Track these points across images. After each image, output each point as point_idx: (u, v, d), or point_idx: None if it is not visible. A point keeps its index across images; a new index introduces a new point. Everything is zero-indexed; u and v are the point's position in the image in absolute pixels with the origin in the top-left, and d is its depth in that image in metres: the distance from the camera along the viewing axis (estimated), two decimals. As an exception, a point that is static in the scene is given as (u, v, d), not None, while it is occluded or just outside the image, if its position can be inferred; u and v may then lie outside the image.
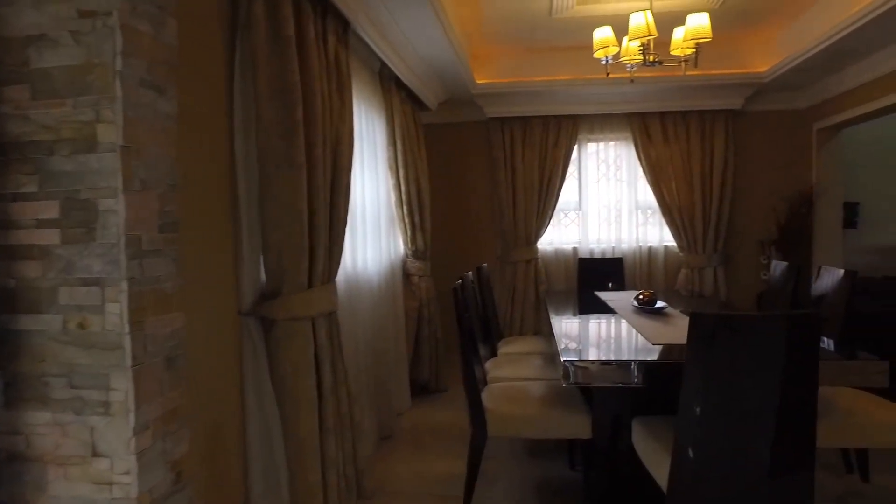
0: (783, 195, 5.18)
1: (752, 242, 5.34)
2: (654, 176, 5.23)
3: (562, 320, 3.33)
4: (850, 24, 3.66)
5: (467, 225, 5.63)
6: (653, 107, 5.15)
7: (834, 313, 3.25)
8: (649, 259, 5.42)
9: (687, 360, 1.89)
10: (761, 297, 5.14)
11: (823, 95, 4.93)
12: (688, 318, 1.87)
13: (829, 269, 3.33)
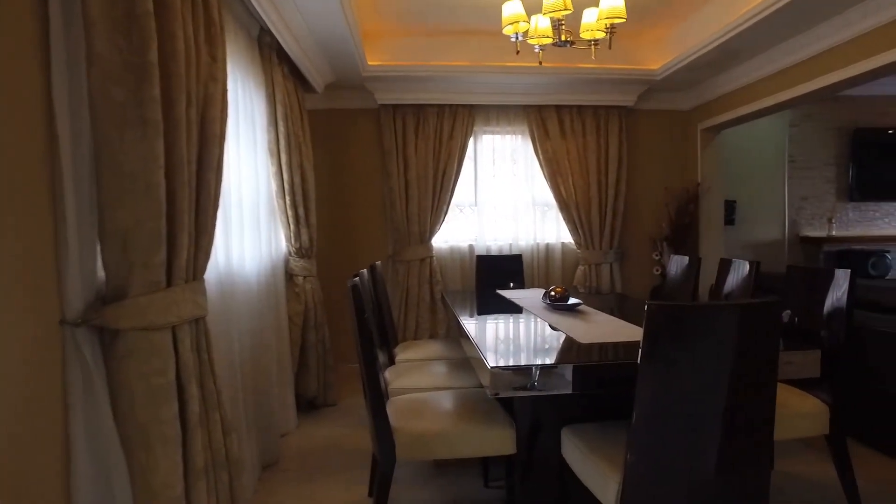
0: (673, 192, 5.27)
1: (644, 238, 5.38)
2: (550, 171, 5.10)
3: (471, 321, 3.00)
4: (737, 26, 3.72)
5: (357, 221, 5.17)
6: (550, 99, 5.01)
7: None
8: (547, 256, 5.28)
9: (644, 355, 1.62)
10: (656, 292, 5.18)
11: (707, 97, 5.07)
12: (606, 315, 1.61)
13: (736, 261, 3.29)
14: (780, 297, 3.08)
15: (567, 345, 2.28)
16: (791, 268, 2.88)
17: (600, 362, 1.99)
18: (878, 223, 5.83)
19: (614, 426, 2.17)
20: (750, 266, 3.14)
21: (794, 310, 2.75)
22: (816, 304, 2.69)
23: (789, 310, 2.71)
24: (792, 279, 2.91)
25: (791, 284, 2.90)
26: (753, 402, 1.70)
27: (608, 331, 2.50)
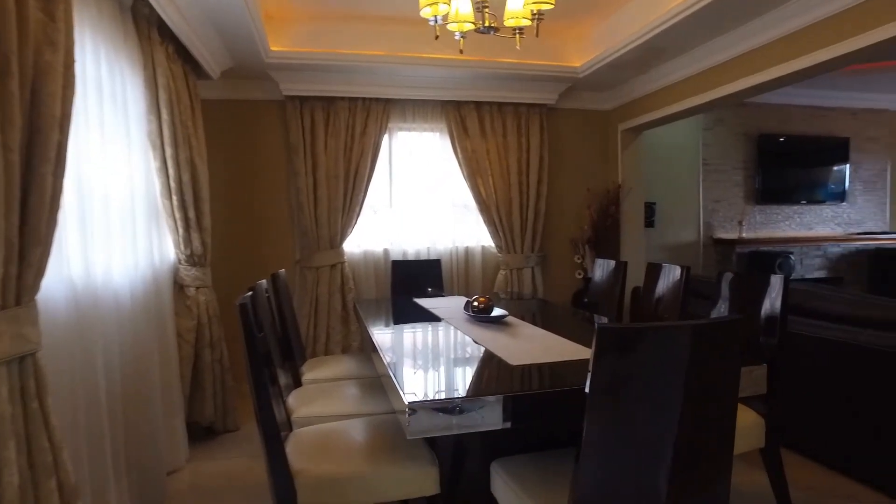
0: (595, 194, 5.17)
1: (566, 241, 5.25)
2: (470, 170, 4.85)
3: (386, 335, 2.67)
4: (659, 24, 3.63)
5: (260, 224, 4.69)
6: (469, 95, 4.76)
7: (671, 313, 3.08)
8: (467, 260, 5.03)
9: (594, 383, 1.37)
10: (578, 296, 5.05)
11: (627, 97, 5.01)
12: (534, 328, 1.37)
13: (666, 266, 3.16)
14: (712, 302, 2.99)
15: (496, 368, 2.00)
16: (723, 273, 2.76)
17: (539, 391, 1.71)
18: (781, 226, 6.03)
19: (550, 457, 1.92)
20: (681, 271, 3.00)
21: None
22: (748, 310, 2.58)
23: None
24: (723, 284, 2.79)
25: (721, 290, 2.79)
26: (713, 427, 1.50)
27: (539, 348, 2.24)
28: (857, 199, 6.37)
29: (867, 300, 3.05)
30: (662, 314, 3.17)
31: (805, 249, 5.99)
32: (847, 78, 5.58)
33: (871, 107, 6.38)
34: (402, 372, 1.94)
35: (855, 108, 6.31)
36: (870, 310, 3.00)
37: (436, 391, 1.71)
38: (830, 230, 6.28)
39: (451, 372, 1.99)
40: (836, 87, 5.90)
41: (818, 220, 6.24)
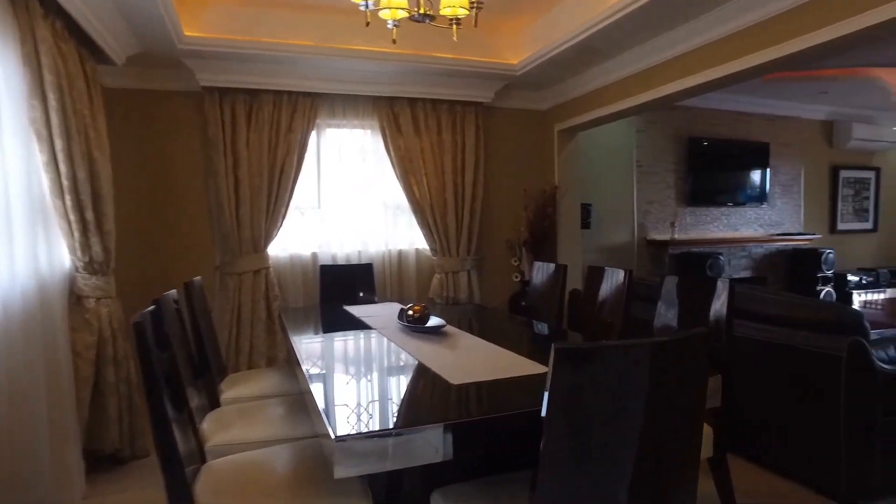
0: (532, 195, 5.07)
1: (502, 244, 5.12)
2: (403, 170, 4.63)
3: (310, 349, 2.41)
4: (597, 22, 3.55)
5: (175, 227, 4.28)
6: (403, 91, 4.54)
7: (614, 318, 2.98)
8: (400, 264, 4.80)
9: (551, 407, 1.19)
10: (515, 299, 4.93)
11: (564, 97, 4.94)
12: (474, 338, 1.21)
13: (609, 269, 3.05)
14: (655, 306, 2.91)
15: (435, 389, 1.79)
16: (669, 278, 2.67)
17: (486, 416, 1.52)
18: (710, 227, 6.16)
19: (499, 484, 1.73)
20: (624, 275, 2.90)
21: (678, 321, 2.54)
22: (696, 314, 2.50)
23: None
24: (666, 288, 2.71)
25: (665, 293, 2.71)
26: (678, 443, 1.36)
27: (481, 362, 2.05)
28: (776, 202, 6.62)
29: (801, 301, 3.06)
30: (606, 318, 3.06)
31: (732, 250, 6.15)
32: (766, 86, 5.75)
33: (786, 114, 6.64)
34: (328, 396, 1.70)
35: (772, 115, 6.55)
36: (804, 311, 3.01)
37: (367, 420, 1.49)
38: (753, 231, 6.49)
39: (385, 395, 1.76)
40: (756, 94, 6.09)
41: (743, 222, 6.42)
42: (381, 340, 2.57)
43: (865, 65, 5.23)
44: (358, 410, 1.57)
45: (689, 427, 1.39)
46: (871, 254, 7.54)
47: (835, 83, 5.74)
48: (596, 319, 3.13)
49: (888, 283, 6.77)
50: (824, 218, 7.13)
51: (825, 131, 7.07)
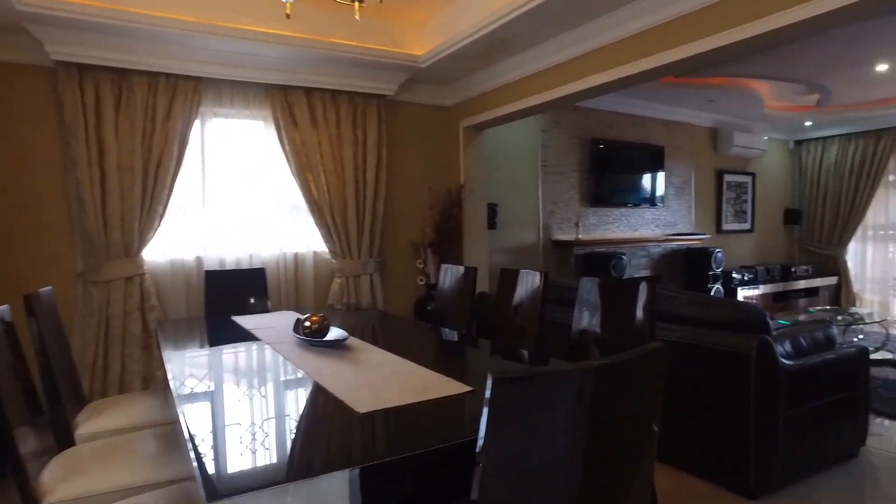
0: (437, 194, 4.85)
1: (407, 245, 4.86)
2: (299, 165, 4.25)
3: (189, 370, 2.03)
4: (504, 14, 3.41)
5: (24, 227, 3.64)
6: (299, 80, 4.16)
7: (529, 322, 2.82)
8: (297, 268, 4.41)
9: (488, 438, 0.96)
10: (421, 304, 4.69)
11: (469, 93, 4.77)
12: (381, 353, 1.06)
13: (524, 272, 2.88)
14: (573, 308, 2.77)
15: (338, 421, 1.50)
16: (587, 280, 2.54)
17: (402, 455, 1.24)
18: (611, 227, 6.27)
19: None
20: (540, 277, 2.74)
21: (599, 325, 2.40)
22: (617, 317, 2.38)
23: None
24: (583, 290, 2.58)
25: (582, 295, 2.58)
26: (628, 472, 1.17)
27: (390, 382, 1.78)
28: (671, 203, 6.87)
29: (712, 301, 3.05)
30: (521, 323, 2.90)
31: (633, 250, 6.29)
32: (662, 92, 5.93)
33: (680, 119, 6.91)
34: (203, 437, 1.36)
35: (667, 120, 6.79)
36: (713, 311, 3.00)
37: (252, 468, 1.18)
38: (651, 231, 6.68)
39: (278, 430, 1.45)
40: (653, 98, 6.26)
41: (642, 222, 6.59)
42: (273, 357, 2.23)
43: (746, 76, 5.50)
44: (241, 453, 1.25)
45: (641, 451, 1.21)
46: (750, 252, 8.06)
47: (721, 92, 6.01)
48: (509, 323, 2.96)
49: (764, 280, 7.24)
50: (711, 219, 7.51)
51: (711, 137, 7.45)
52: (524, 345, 2.75)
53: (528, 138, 5.63)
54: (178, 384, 1.87)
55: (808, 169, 8.55)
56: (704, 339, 2.87)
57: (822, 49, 4.72)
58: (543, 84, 4.01)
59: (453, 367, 2.19)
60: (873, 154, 7.82)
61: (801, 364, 2.89)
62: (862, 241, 8.15)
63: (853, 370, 3.25)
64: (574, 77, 3.75)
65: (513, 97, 4.30)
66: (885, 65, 5.25)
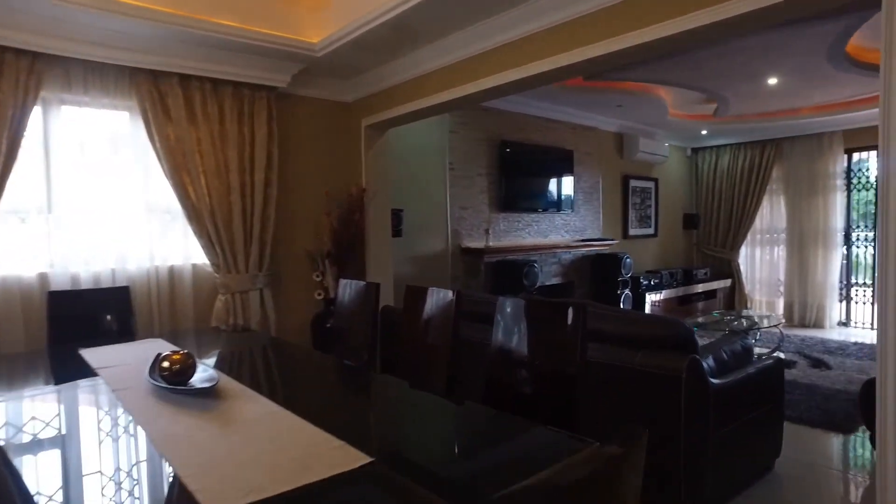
0: (336, 199, 4.39)
1: (302, 256, 4.36)
2: (174, 165, 3.65)
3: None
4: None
5: None
6: (171, 64, 3.55)
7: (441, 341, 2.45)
8: (171, 284, 3.78)
9: None
10: (319, 320, 4.21)
11: (371, 88, 4.36)
12: (264, 403, 1.10)
13: (433, 290, 2.51)
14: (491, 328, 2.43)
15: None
16: (507, 300, 2.20)
17: None
18: (522, 233, 6.06)
19: None
20: (453, 296, 2.39)
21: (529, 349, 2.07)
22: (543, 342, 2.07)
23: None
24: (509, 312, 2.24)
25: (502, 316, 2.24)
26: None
27: (271, 454, 1.34)
28: (580, 209, 6.79)
29: (637, 317, 2.83)
30: (433, 343, 2.53)
31: (544, 257, 6.11)
32: (571, 95, 5.80)
33: (588, 124, 6.86)
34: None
35: (576, 124, 6.71)
36: (640, 327, 2.78)
37: None
38: (561, 237, 6.55)
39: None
40: (562, 101, 6.14)
41: (552, 228, 6.44)
42: (112, 411, 1.71)
43: (654, 82, 5.48)
44: None
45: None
46: (654, 257, 8.20)
47: (629, 98, 5.98)
48: (422, 344, 2.58)
49: (668, 284, 7.35)
50: (618, 224, 7.54)
51: (618, 143, 7.48)
52: (436, 373, 2.39)
53: (435, 140, 5.29)
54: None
55: (703, 175, 8.85)
56: (632, 360, 2.64)
57: (724, 60, 4.76)
58: (451, 80, 3.68)
59: (352, 421, 1.78)
60: (760, 163, 8.19)
61: (727, 381, 2.73)
62: (752, 245, 8.53)
63: (771, 382, 3.17)
64: (484, 73, 3.45)
65: (418, 94, 3.94)
66: (775, 78, 5.41)
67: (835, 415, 4.14)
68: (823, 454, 3.65)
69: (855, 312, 7.79)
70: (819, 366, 5.51)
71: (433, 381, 2.36)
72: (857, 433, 3.85)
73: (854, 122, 7.21)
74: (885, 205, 1.95)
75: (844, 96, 6.18)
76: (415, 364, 2.60)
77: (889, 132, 1.91)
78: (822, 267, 7.75)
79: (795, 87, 5.70)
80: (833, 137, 7.59)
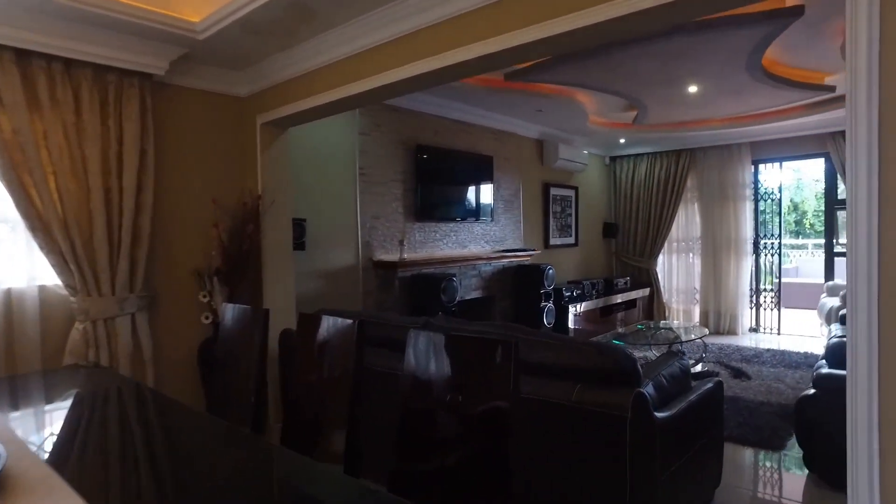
0: (226, 208, 3.79)
1: (186, 273, 3.72)
2: (10, 164, 2.95)
3: None
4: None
5: None
6: (6, 35, 2.86)
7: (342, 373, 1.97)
8: (10, 312, 3.06)
9: None
10: (207, 347, 3.59)
11: (268, 81, 3.81)
12: None
13: (328, 319, 2.03)
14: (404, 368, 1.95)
15: None
16: (419, 334, 1.76)
17: None
18: (440, 244, 5.64)
19: None
20: (353, 327, 1.92)
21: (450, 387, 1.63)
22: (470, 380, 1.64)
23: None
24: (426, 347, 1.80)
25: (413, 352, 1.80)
26: None
27: None
28: (500, 217, 6.47)
29: (573, 345, 2.47)
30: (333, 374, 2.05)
31: (464, 269, 5.71)
32: (490, 97, 5.49)
33: (508, 129, 6.57)
34: None
35: (496, 129, 6.40)
36: (577, 356, 2.42)
37: None
38: (482, 248, 6.20)
39: None
40: (482, 104, 5.82)
41: (471, 238, 6.07)
42: None
43: (576, 84, 5.26)
44: None
45: None
46: (576, 267, 8.05)
47: (549, 102, 5.74)
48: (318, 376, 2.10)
49: (590, 295, 7.18)
50: (540, 234, 7.30)
51: (538, 149, 7.25)
52: (336, 403, 1.93)
53: (344, 142, 4.79)
54: None
55: (622, 184, 8.84)
56: (568, 396, 2.27)
57: (644, 63, 4.60)
58: (355, 72, 3.22)
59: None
60: (675, 172, 8.26)
61: (673, 414, 2.42)
62: (669, 254, 8.59)
63: (712, 407, 2.91)
64: (394, 63, 3.00)
65: (319, 87, 3.45)
66: (695, 86, 5.34)
67: (763, 430, 4.00)
68: (762, 479, 3.47)
69: (763, 318, 7.97)
70: (740, 376, 5.46)
71: (331, 442, 1.89)
72: (785, 450, 3.72)
73: (761, 135, 7.38)
74: (852, 211, 1.68)
75: (754, 108, 6.25)
76: (309, 413, 2.11)
77: (856, 136, 1.65)
78: (734, 275, 7.87)
79: (712, 96, 5.67)
80: (742, 148, 7.75)
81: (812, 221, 15.99)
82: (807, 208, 15.97)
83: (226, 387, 2.49)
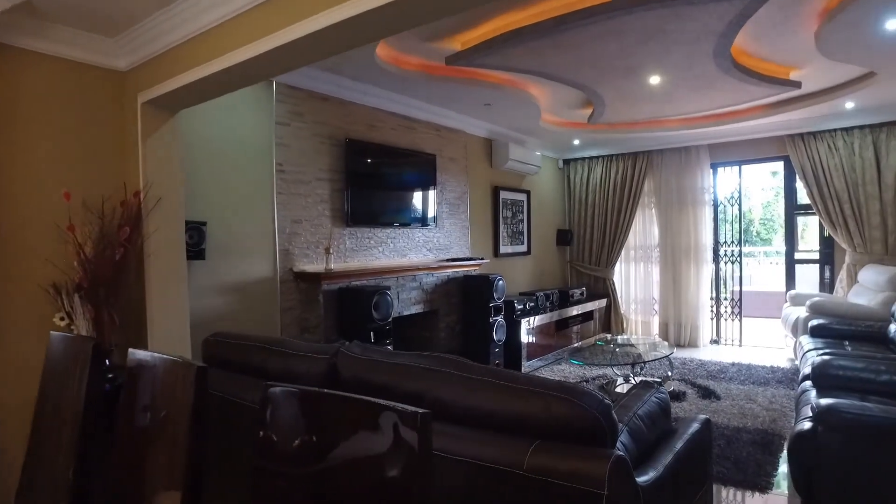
0: (93, 208, 3.01)
1: (36, 291, 2.91)
2: None
3: None
4: None
5: None
6: None
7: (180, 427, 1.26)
8: None
9: None
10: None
11: (148, 50, 3.07)
12: None
13: (157, 358, 1.32)
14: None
15: None
16: (279, 391, 1.08)
17: None
18: (374, 252, 4.95)
19: None
20: (193, 372, 1.22)
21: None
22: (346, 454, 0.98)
23: None
24: (292, 413, 1.13)
25: (274, 419, 1.13)
26: None
27: None
28: (445, 223, 5.82)
29: (526, 389, 1.81)
30: (169, 431, 1.34)
31: (402, 281, 5.01)
32: (433, 88, 4.88)
33: (452, 125, 5.96)
34: None
35: (439, 125, 5.77)
36: (530, 404, 1.77)
37: None
38: (423, 256, 5.53)
39: None
40: (424, 97, 5.20)
41: (411, 246, 5.39)
42: None
43: (530, 71, 4.70)
44: None
45: None
46: (529, 277, 7.48)
47: (499, 95, 5.16)
48: (144, 438, 1.38)
49: (544, 308, 6.60)
50: (489, 241, 6.70)
51: (487, 149, 6.66)
52: (176, 470, 1.22)
53: (257, 132, 4.05)
54: None
55: (576, 189, 8.36)
56: (520, 460, 1.61)
57: (604, 45, 4.07)
58: (238, 36, 2.52)
59: None
60: (632, 176, 7.84)
61: (658, 476, 1.80)
62: (626, 262, 8.13)
63: (701, 455, 2.33)
64: (283, 24, 2.32)
65: (205, 54, 2.74)
66: (657, 76, 4.87)
67: (746, 465, 3.47)
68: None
69: (725, 329, 7.58)
70: (709, 396, 4.97)
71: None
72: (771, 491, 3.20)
73: (720, 136, 7.02)
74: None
75: (716, 105, 5.86)
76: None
77: None
78: (694, 284, 7.46)
79: (675, 89, 5.21)
80: (700, 151, 7.38)
81: (759, 229, 16.01)
82: (752, 216, 15.93)
83: (33, 474, 1.74)
